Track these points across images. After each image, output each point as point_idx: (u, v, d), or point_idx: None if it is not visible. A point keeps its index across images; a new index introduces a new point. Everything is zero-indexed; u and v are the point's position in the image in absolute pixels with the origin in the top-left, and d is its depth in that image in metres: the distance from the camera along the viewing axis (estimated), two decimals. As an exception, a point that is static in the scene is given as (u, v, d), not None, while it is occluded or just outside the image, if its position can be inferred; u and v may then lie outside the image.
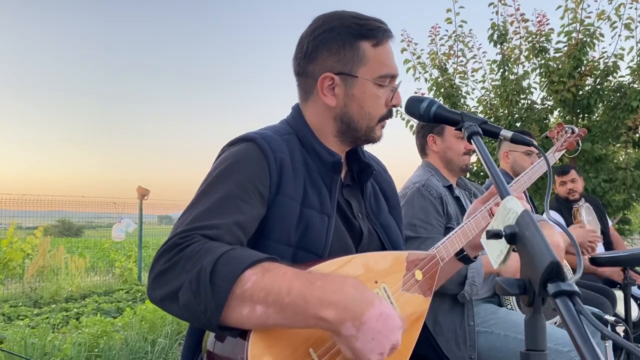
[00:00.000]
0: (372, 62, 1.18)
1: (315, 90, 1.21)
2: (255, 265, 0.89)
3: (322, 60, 1.19)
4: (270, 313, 0.87)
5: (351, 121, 1.21)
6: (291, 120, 1.27)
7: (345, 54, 1.17)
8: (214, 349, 0.98)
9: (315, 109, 1.24)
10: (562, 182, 3.92)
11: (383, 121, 1.24)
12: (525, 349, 0.71)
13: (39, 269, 8.29)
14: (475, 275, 1.90)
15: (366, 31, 1.18)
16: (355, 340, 0.87)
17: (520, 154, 2.93)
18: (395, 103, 1.23)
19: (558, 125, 2.11)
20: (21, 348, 3.47)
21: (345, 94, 1.19)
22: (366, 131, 1.22)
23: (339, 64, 1.18)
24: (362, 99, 1.19)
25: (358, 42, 1.17)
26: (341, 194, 1.26)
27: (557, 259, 0.66)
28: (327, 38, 1.18)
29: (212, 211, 1.01)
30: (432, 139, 2.26)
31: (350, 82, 1.18)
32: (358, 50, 1.17)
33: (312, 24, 1.23)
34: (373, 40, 1.18)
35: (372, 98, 1.19)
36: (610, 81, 5.62)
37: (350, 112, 1.20)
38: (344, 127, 1.22)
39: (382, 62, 1.19)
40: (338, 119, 1.22)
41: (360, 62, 1.18)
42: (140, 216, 9.50)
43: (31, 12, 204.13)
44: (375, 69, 1.18)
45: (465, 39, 6.07)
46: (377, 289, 1.10)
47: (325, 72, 1.18)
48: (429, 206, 2.01)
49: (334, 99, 1.20)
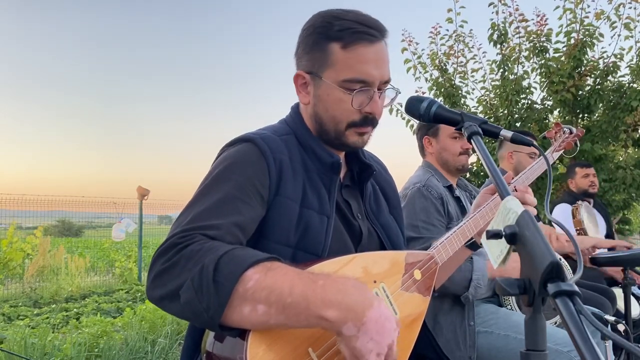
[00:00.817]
0: (339, 65, 1.13)
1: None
2: (258, 264, 0.89)
3: (299, 57, 1.21)
4: (272, 312, 0.87)
5: (321, 122, 1.20)
6: (290, 120, 1.27)
7: (315, 53, 1.16)
8: (213, 349, 0.98)
9: (302, 105, 1.26)
10: (586, 174, 3.98)
11: (357, 127, 1.17)
12: (525, 349, 0.71)
13: (39, 269, 8.30)
14: (480, 278, 1.91)
15: (334, 32, 1.12)
16: (356, 340, 0.88)
17: (524, 155, 2.94)
18: (369, 110, 1.15)
19: (556, 125, 2.11)
20: (21, 348, 3.47)
21: (314, 93, 1.19)
22: (336, 135, 1.19)
23: (309, 63, 1.18)
24: (326, 102, 1.16)
25: (326, 43, 1.14)
26: (340, 195, 1.26)
27: (557, 259, 0.66)
28: (303, 36, 1.20)
29: (211, 211, 1.01)
30: (428, 141, 2.28)
31: (317, 83, 1.18)
32: (326, 51, 1.14)
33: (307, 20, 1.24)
34: (340, 42, 1.12)
35: (335, 102, 1.15)
36: (610, 81, 5.61)
37: (319, 112, 1.20)
38: (318, 127, 1.22)
39: (349, 66, 1.12)
40: (312, 118, 1.22)
41: (326, 63, 1.14)
42: (140, 216, 9.50)
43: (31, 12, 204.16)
44: (340, 73, 1.13)
45: (466, 39, 6.07)
46: (376, 288, 1.10)
47: (299, 69, 1.20)
48: (430, 206, 2.02)
49: (307, 97, 1.21)
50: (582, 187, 3.98)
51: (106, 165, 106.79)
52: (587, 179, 3.97)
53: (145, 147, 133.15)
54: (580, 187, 3.99)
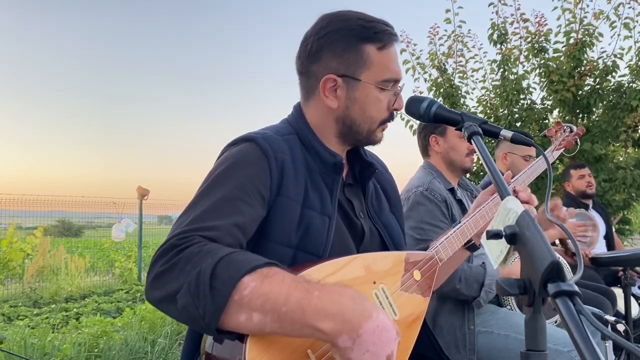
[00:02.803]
0: (376, 66, 1.17)
1: (317, 91, 1.20)
2: (255, 271, 0.88)
3: (325, 61, 1.18)
4: (267, 321, 0.86)
5: (353, 124, 1.20)
6: (292, 119, 1.27)
7: (349, 56, 1.16)
8: (212, 350, 0.98)
9: (316, 110, 1.23)
10: (581, 175, 3.96)
11: (384, 124, 1.24)
12: (526, 349, 0.71)
13: (39, 269, 8.29)
14: (493, 283, 1.90)
15: (372, 34, 1.16)
16: (351, 352, 0.86)
17: (519, 157, 2.92)
18: (397, 107, 1.22)
19: (556, 123, 2.11)
20: (21, 348, 3.47)
21: (347, 96, 1.18)
22: (367, 134, 1.22)
23: (342, 66, 1.17)
24: (364, 103, 1.18)
25: (362, 45, 1.16)
26: (343, 193, 1.25)
27: (557, 259, 0.66)
28: (332, 39, 1.17)
29: (211, 212, 1.00)
30: (435, 140, 2.24)
31: (352, 85, 1.18)
32: (362, 54, 1.16)
33: (318, 22, 1.21)
34: (378, 44, 1.17)
35: (374, 102, 1.19)
36: (609, 81, 5.61)
37: (352, 114, 1.19)
38: (346, 129, 1.21)
39: (385, 66, 1.18)
40: (340, 121, 1.21)
41: (364, 65, 1.16)
42: (140, 216, 9.49)
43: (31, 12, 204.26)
44: (379, 73, 1.17)
45: (464, 39, 6.07)
46: (376, 289, 1.10)
47: (328, 73, 1.17)
48: (435, 209, 2.01)
49: (335, 100, 1.19)
50: (579, 189, 3.96)
51: (106, 165, 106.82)
52: (583, 180, 3.95)
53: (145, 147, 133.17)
54: (577, 188, 3.98)
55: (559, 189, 5.54)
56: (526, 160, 2.90)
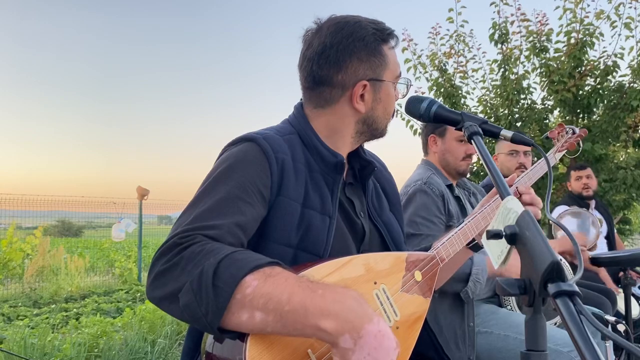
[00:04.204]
0: (391, 65, 1.23)
1: (342, 99, 1.21)
2: (257, 270, 0.88)
3: (353, 69, 1.19)
4: (269, 320, 0.86)
5: (374, 122, 1.25)
6: (293, 120, 1.27)
7: (374, 60, 1.20)
8: (213, 350, 0.98)
9: (335, 116, 1.23)
10: (578, 177, 3.96)
11: (393, 116, 1.32)
12: (526, 349, 0.71)
13: (39, 269, 8.29)
14: (480, 273, 1.87)
15: (385, 35, 1.22)
16: (352, 354, 0.85)
17: (504, 155, 2.92)
18: (399, 97, 1.29)
19: (559, 125, 2.11)
20: (21, 348, 3.47)
21: (374, 98, 1.22)
22: (383, 129, 1.28)
23: (369, 71, 1.20)
24: (386, 101, 1.25)
25: (381, 47, 1.21)
26: (343, 193, 1.25)
27: (557, 259, 0.66)
28: (354, 46, 1.18)
29: (212, 211, 1.00)
30: (433, 139, 2.26)
31: (378, 87, 1.22)
32: (382, 55, 1.21)
33: (331, 30, 1.20)
34: (391, 43, 1.24)
35: (392, 98, 1.26)
36: (610, 81, 5.61)
37: (376, 114, 1.24)
38: (365, 127, 1.25)
39: (396, 63, 1.25)
40: (361, 122, 1.24)
41: (386, 66, 1.22)
42: (140, 216, 9.49)
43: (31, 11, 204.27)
44: (394, 71, 1.24)
45: (466, 38, 6.07)
46: (377, 289, 1.10)
47: (358, 80, 1.20)
48: (431, 204, 2.01)
49: (363, 105, 1.22)
50: (576, 191, 3.97)
51: (106, 165, 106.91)
52: (579, 182, 3.95)
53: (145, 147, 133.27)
54: (575, 190, 3.99)
55: (559, 189, 5.55)
56: (511, 155, 2.89)
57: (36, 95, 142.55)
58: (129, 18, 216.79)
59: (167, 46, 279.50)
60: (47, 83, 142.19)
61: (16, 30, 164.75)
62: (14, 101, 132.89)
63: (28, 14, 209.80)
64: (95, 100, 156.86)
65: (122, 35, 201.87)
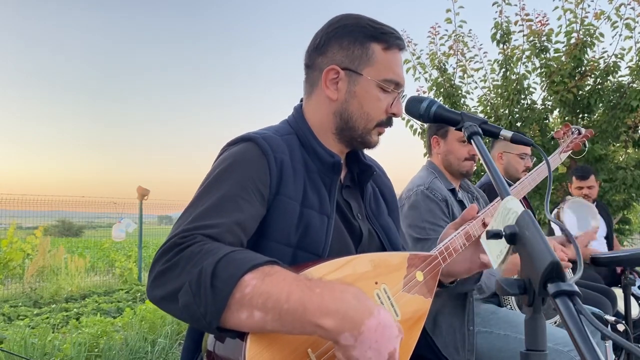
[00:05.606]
0: (379, 65, 1.20)
1: (319, 82, 1.22)
2: (256, 269, 0.88)
3: (331, 53, 1.21)
4: (269, 319, 0.86)
5: (349, 119, 1.22)
6: (292, 120, 1.28)
7: (355, 50, 1.19)
8: (214, 349, 0.98)
9: (317, 104, 1.25)
10: (579, 186, 3.96)
11: (381, 127, 1.24)
12: (526, 349, 0.71)
13: (39, 269, 8.28)
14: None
15: (379, 34, 1.20)
16: (353, 350, 0.86)
17: (514, 156, 2.91)
18: (395, 111, 1.23)
19: (564, 125, 2.11)
20: (21, 348, 3.47)
21: (348, 89, 1.20)
22: (362, 132, 1.23)
23: (346, 59, 1.20)
24: (363, 98, 1.20)
25: (369, 43, 1.20)
26: (341, 195, 1.26)
27: (557, 259, 0.66)
28: (340, 33, 1.21)
29: (212, 210, 1.00)
30: (436, 140, 2.26)
31: (354, 79, 1.20)
32: (367, 50, 1.19)
33: (330, 20, 1.25)
34: (384, 44, 1.20)
35: (372, 99, 1.20)
36: (610, 81, 5.61)
37: (350, 109, 1.21)
38: (342, 123, 1.23)
39: (388, 67, 1.21)
40: (337, 114, 1.22)
41: (368, 61, 1.19)
42: (140, 216, 9.49)
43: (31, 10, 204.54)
44: (381, 72, 1.20)
45: (465, 38, 6.07)
46: (378, 289, 1.10)
47: (332, 64, 1.20)
48: (436, 208, 2.01)
49: (336, 92, 1.21)
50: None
51: (106, 165, 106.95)
52: (580, 192, 3.96)
53: (145, 147, 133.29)
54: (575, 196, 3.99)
55: (558, 189, 5.54)
56: (522, 158, 2.89)
57: (36, 95, 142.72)
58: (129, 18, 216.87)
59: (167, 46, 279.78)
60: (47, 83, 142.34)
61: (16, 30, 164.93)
62: (14, 101, 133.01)
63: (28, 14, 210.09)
64: (96, 100, 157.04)
65: (123, 35, 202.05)
